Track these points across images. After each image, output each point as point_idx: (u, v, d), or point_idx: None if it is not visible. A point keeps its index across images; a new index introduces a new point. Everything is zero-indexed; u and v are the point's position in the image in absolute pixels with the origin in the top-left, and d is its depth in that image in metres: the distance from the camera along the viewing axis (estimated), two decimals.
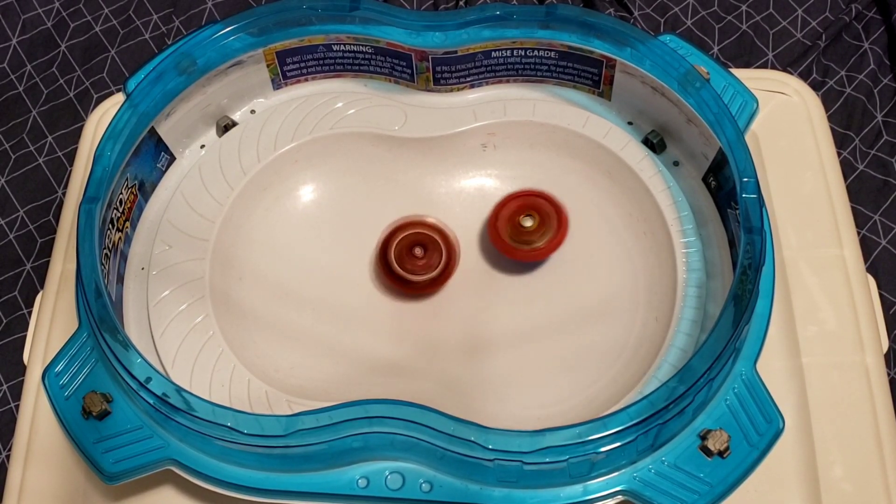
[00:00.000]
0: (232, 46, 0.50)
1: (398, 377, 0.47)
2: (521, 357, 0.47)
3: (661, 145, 0.50)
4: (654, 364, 0.43)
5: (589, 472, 0.39)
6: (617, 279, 0.49)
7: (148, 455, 0.41)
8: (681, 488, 0.39)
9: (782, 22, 0.74)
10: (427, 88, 0.53)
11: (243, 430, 0.38)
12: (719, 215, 0.47)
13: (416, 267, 0.49)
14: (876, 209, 0.65)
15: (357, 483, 0.40)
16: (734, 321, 0.39)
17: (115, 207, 0.46)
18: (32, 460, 0.46)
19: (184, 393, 0.39)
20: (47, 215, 0.69)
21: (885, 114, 0.69)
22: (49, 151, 0.72)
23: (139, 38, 0.77)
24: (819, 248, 0.49)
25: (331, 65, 0.53)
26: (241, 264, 0.50)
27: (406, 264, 0.49)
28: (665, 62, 0.47)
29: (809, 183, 0.51)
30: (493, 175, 0.53)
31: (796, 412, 0.44)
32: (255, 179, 0.50)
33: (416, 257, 0.49)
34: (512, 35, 0.50)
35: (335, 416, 0.38)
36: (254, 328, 0.48)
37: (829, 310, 0.47)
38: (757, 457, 0.39)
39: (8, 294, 0.66)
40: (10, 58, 0.77)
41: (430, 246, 0.49)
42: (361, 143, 0.52)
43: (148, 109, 0.48)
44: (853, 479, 0.43)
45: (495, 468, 0.38)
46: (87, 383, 0.42)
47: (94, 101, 0.74)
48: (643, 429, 0.37)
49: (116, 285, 0.47)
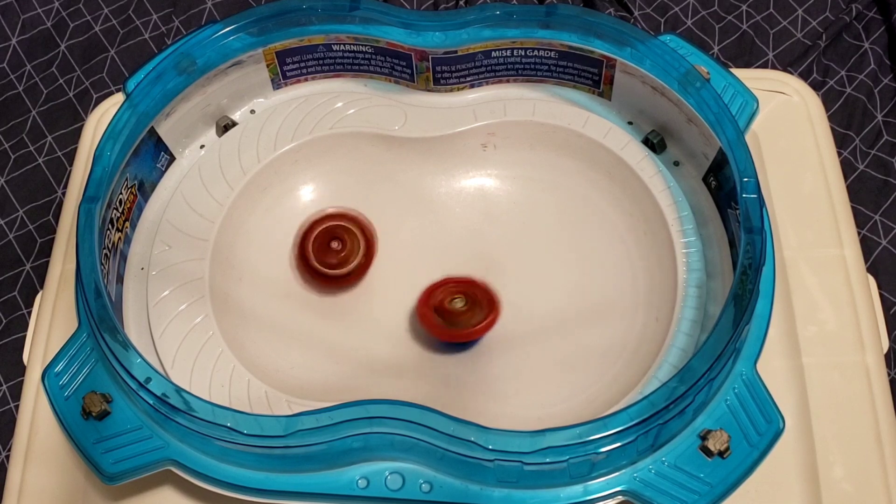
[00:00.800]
0: (232, 46, 0.50)
1: (398, 377, 0.47)
2: (521, 357, 0.47)
3: (661, 145, 0.50)
4: (655, 364, 0.43)
5: (589, 473, 0.39)
6: (617, 279, 0.48)
7: (148, 455, 0.41)
8: (681, 488, 0.39)
9: (783, 22, 0.74)
10: (427, 88, 0.53)
11: (243, 430, 0.38)
12: (719, 215, 0.47)
13: (336, 261, 0.48)
14: (876, 209, 0.65)
15: (357, 483, 0.40)
16: (734, 321, 0.39)
17: (115, 207, 0.46)
18: (32, 460, 0.46)
19: (183, 393, 0.39)
20: (47, 215, 0.69)
21: (886, 114, 0.69)
22: (49, 151, 0.72)
23: (139, 38, 0.77)
24: (819, 248, 0.49)
25: (331, 65, 0.53)
26: (241, 264, 0.50)
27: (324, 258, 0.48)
28: (665, 62, 0.47)
29: (809, 183, 0.51)
30: (493, 175, 0.53)
31: (796, 412, 0.44)
32: (255, 179, 0.50)
33: (333, 251, 0.48)
34: (512, 35, 0.50)
35: (335, 416, 0.38)
36: (254, 328, 0.48)
37: (829, 310, 0.47)
38: (757, 457, 0.39)
39: (8, 294, 0.66)
40: (9, 58, 0.77)
41: (347, 238, 0.49)
42: (361, 143, 0.52)
43: (148, 109, 0.48)
44: (853, 480, 0.43)
45: (495, 468, 0.38)
46: (86, 383, 0.42)
47: (93, 101, 0.74)
48: (643, 429, 0.37)
49: (116, 285, 0.47)
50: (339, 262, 0.48)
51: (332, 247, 0.48)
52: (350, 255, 0.49)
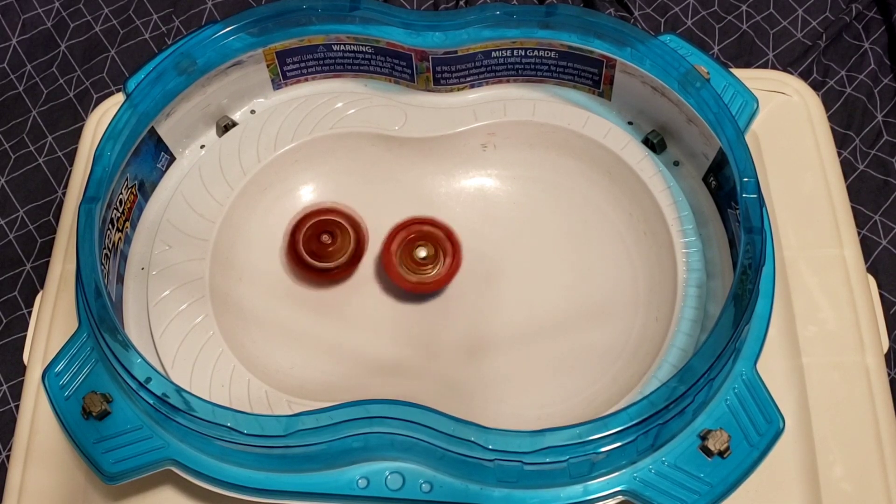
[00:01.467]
0: (232, 46, 0.50)
1: (398, 377, 0.47)
2: (521, 357, 0.47)
3: (661, 145, 0.50)
4: (655, 364, 0.43)
5: (589, 473, 0.39)
6: (617, 279, 0.48)
7: (148, 455, 0.41)
8: (681, 488, 0.39)
9: (783, 22, 0.74)
10: (427, 88, 0.53)
11: (243, 430, 0.38)
12: (719, 215, 0.47)
13: (326, 254, 0.49)
14: (876, 209, 0.65)
15: (357, 483, 0.40)
16: (734, 321, 0.39)
17: (115, 207, 0.46)
18: (32, 460, 0.46)
19: (183, 393, 0.39)
20: (47, 215, 0.69)
21: (886, 114, 0.69)
22: (49, 151, 0.72)
23: (139, 38, 0.77)
24: (819, 248, 0.49)
25: (331, 65, 0.53)
26: (241, 264, 0.50)
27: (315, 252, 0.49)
28: (665, 62, 0.47)
29: (809, 183, 0.51)
30: (493, 175, 0.53)
31: (796, 412, 0.44)
32: (255, 179, 0.50)
33: (324, 244, 0.49)
34: (512, 35, 0.50)
35: (335, 416, 0.38)
36: (254, 328, 0.48)
37: (829, 310, 0.47)
38: (757, 457, 0.39)
39: (8, 294, 0.66)
40: (9, 58, 0.77)
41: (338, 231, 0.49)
42: (361, 143, 0.52)
43: (148, 109, 0.48)
44: (853, 479, 0.43)
45: (495, 468, 0.38)
46: (86, 383, 0.42)
47: (94, 101, 0.74)
48: (643, 429, 0.37)
49: (116, 285, 0.47)
50: (327, 255, 0.49)
51: (322, 240, 0.49)
52: (339, 249, 0.49)
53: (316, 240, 0.49)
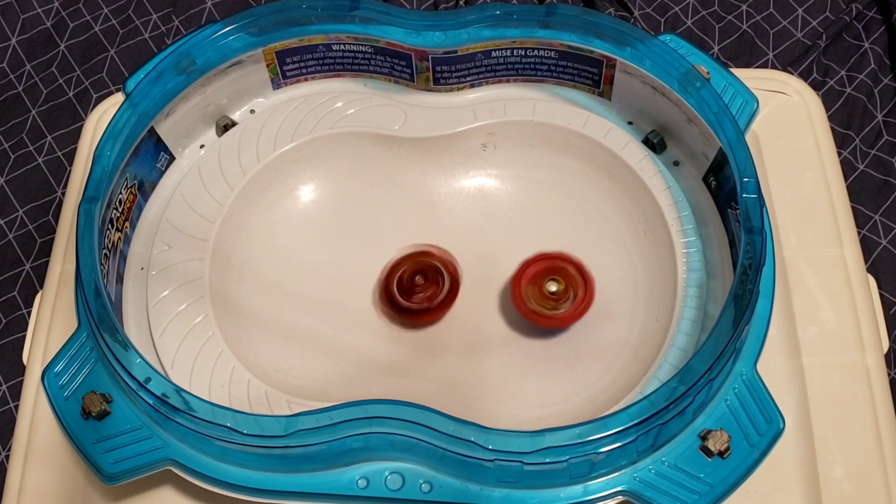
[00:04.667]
0: (231, 46, 0.50)
1: (398, 377, 0.47)
2: (521, 357, 0.47)
3: (661, 145, 0.50)
4: (655, 364, 0.43)
5: (589, 473, 0.39)
6: (617, 279, 0.48)
7: (147, 455, 0.41)
8: (681, 488, 0.39)
9: (782, 22, 0.74)
10: (427, 88, 0.53)
11: (243, 430, 0.38)
12: (719, 215, 0.47)
13: (418, 296, 0.48)
14: (876, 209, 0.65)
15: (357, 483, 0.40)
16: (734, 321, 0.39)
17: (115, 207, 0.46)
18: (32, 460, 0.46)
19: (183, 393, 0.39)
20: (47, 215, 0.69)
21: (886, 113, 0.69)
22: (48, 151, 0.72)
23: (138, 38, 0.77)
24: (819, 248, 0.49)
25: (330, 65, 0.53)
26: (241, 264, 0.50)
27: (408, 294, 0.48)
28: (665, 62, 0.47)
29: (809, 183, 0.51)
30: (493, 175, 0.53)
31: (796, 412, 0.44)
32: (255, 179, 0.50)
33: (417, 286, 0.48)
34: (512, 35, 0.50)
35: (335, 416, 0.38)
36: (254, 328, 0.48)
37: (829, 310, 0.47)
38: (757, 457, 0.39)
39: (7, 294, 0.66)
40: (9, 57, 0.77)
41: (432, 275, 0.49)
42: (361, 143, 0.52)
43: (147, 109, 0.48)
44: (853, 480, 0.43)
45: (495, 468, 0.38)
46: (86, 383, 0.42)
47: (93, 100, 0.74)
48: (643, 429, 0.37)
49: (116, 285, 0.47)
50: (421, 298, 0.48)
51: (415, 281, 0.48)
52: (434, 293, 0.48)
53: (409, 281, 0.48)
